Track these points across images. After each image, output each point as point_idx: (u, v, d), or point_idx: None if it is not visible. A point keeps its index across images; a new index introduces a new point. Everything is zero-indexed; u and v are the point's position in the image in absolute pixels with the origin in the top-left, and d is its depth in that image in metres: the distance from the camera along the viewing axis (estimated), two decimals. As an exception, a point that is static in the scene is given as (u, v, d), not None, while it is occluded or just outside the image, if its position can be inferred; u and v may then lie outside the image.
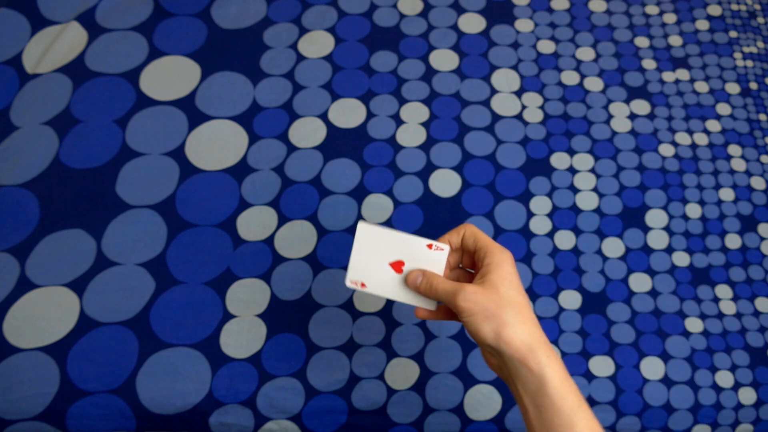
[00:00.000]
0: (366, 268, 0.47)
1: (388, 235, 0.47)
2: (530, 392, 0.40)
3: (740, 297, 0.67)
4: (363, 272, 0.47)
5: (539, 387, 0.39)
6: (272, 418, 0.58)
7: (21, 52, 0.71)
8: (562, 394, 0.39)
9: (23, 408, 0.56)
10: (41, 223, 0.63)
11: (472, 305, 0.41)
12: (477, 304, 0.41)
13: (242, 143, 0.69)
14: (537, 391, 0.40)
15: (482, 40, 0.78)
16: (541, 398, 0.39)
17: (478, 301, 0.41)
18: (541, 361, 0.40)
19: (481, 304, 0.41)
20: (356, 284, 0.47)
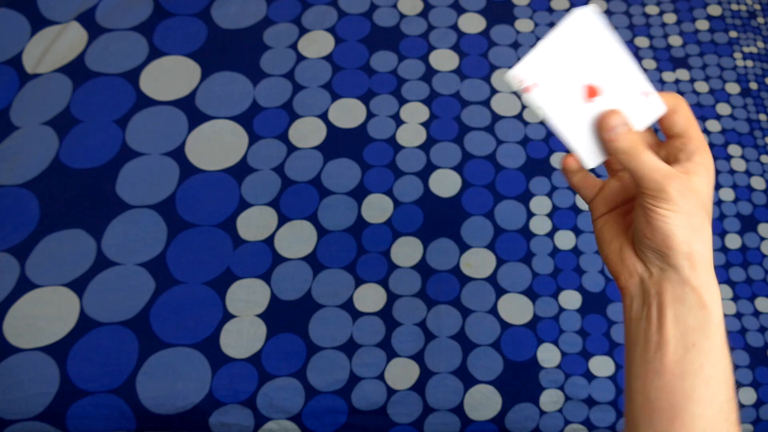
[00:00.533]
0: (551, 70, 0.34)
1: (608, 45, 0.34)
2: (685, 326, 0.33)
3: (740, 297, 0.67)
4: (543, 73, 0.34)
5: (702, 326, 0.33)
6: (272, 418, 0.58)
7: (21, 52, 0.71)
8: (723, 345, 0.33)
9: (23, 408, 0.56)
10: (41, 223, 0.63)
11: (685, 201, 0.32)
12: (689, 202, 0.33)
13: (242, 143, 0.69)
14: (697, 328, 0.33)
15: (482, 40, 0.78)
16: (697, 337, 0.33)
17: (692, 199, 0.33)
18: (716, 301, 0.33)
19: (693, 204, 0.33)
20: (522, 82, 0.34)
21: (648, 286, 0.35)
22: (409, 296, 0.63)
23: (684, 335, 0.33)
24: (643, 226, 0.34)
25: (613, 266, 0.37)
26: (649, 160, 0.33)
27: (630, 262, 0.36)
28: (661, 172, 0.33)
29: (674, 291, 0.33)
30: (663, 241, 0.33)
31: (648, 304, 0.34)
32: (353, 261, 0.64)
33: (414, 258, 0.65)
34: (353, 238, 0.65)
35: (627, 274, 0.36)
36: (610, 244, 0.38)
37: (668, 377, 0.33)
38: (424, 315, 0.63)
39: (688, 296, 0.33)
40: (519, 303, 0.64)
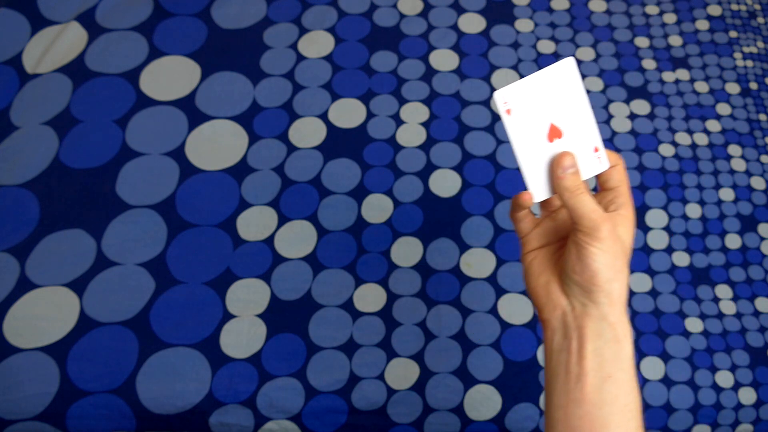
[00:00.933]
0: (528, 103, 0.38)
1: (578, 97, 0.38)
2: (602, 359, 0.36)
3: (740, 297, 0.67)
4: (521, 103, 0.38)
5: (617, 358, 0.36)
6: (272, 418, 0.58)
7: (21, 52, 0.71)
8: (633, 377, 0.36)
9: (23, 408, 0.56)
10: (41, 223, 0.63)
11: (612, 243, 0.36)
12: (615, 245, 0.36)
13: (242, 143, 0.69)
14: (612, 361, 0.36)
15: (482, 40, 0.78)
16: (613, 369, 0.35)
17: (618, 244, 0.36)
18: (627, 337, 0.36)
19: (618, 248, 0.36)
20: (505, 104, 0.38)
21: (569, 320, 0.37)
22: (409, 296, 0.63)
23: (601, 367, 0.36)
24: (574, 261, 0.37)
25: (538, 299, 0.40)
26: (589, 201, 0.37)
27: (555, 296, 0.39)
28: (597, 213, 0.36)
29: (593, 326, 0.36)
30: (590, 277, 0.36)
31: (569, 337, 0.37)
32: (353, 261, 0.64)
33: (414, 258, 0.65)
34: (353, 238, 0.65)
35: (551, 308, 0.39)
36: (537, 278, 0.40)
37: (588, 406, 0.35)
38: (424, 315, 0.63)
39: (605, 331, 0.36)
40: (519, 303, 0.64)
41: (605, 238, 0.36)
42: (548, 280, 0.40)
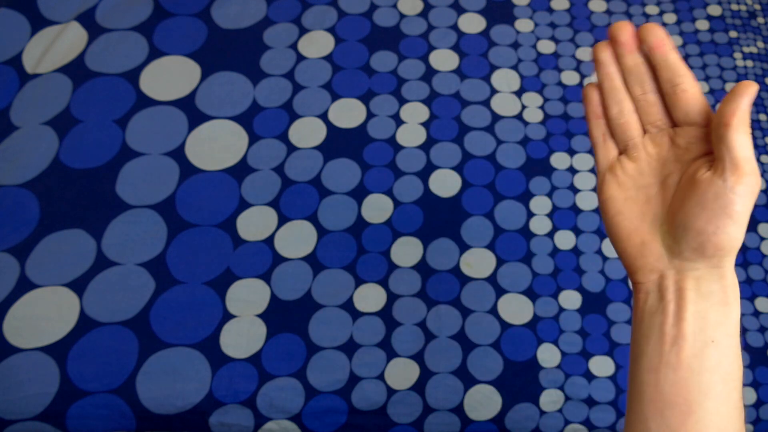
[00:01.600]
0: None
1: None
2: (705, 322, 0.31)
3: (740, 297, 0.67)
4: None
5: (723, 322, 0.32)
6: (272, 418, 0.58)
7: (21, 52, 0.71)
8: (738, 344, 0.32)
9: (23, 408, 0.56)
10: (41, 223, 0.63)
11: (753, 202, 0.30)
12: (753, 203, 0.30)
13: (242, 143, 0.69)
14: (718, 325, 0.31)
15: (482, 40, 0.78)
16: (718, 334, 0.31)
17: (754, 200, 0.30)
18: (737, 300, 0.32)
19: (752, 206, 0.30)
20: None
21: (668, 282, 0.32)
22: (409, 296, 0.63)
23: (703, 331, 0.31)
24: (705, 220, 0.30)
25: (631, 261, 0.34)
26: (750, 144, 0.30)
27: (653, 258, 0.33)
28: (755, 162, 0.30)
29: (699, 288, 0.32)
30: (726, 239, 0.30)
31: (665, 299, 0.32)
32: (353, 261, 0.64)
33: (414, 258, 0.65)
34: (353, 238, 0.65)
35: (647, 271, 0.33)
36: (628, 238, 0.34)
37: (684, 372, 0.31)
38: (424, 315, 0.63)
39: (714, 294, 0.32)
40: (519, 303, 0.64)
41: (756, 194, 0.30)
42: (643, 240, 0.33)
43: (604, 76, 0.35)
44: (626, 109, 0.35)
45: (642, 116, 0.35)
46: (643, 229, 0.34)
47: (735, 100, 0.30)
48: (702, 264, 0.32)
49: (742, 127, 0.30)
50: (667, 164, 0.34)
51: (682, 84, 0.33)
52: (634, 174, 0.34)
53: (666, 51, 0.33)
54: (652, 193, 0.34)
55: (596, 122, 0.36)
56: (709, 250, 0.31)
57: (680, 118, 0.33)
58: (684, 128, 0.33)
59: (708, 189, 0.30)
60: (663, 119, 0.34)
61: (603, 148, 0.36)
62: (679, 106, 0.33)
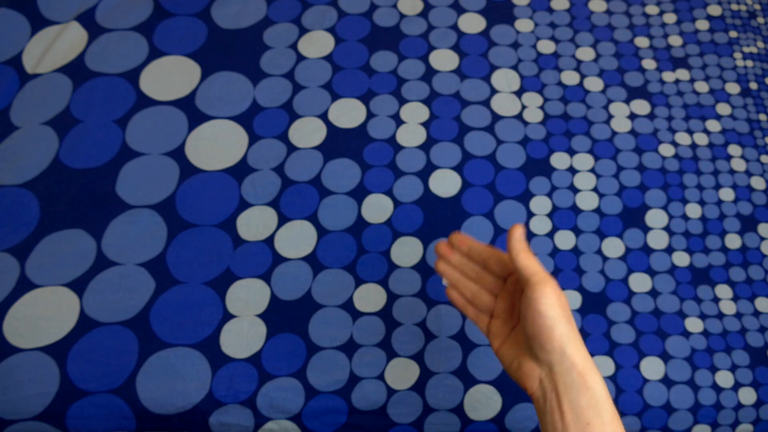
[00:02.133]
0: None
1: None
2: (579, 408, 0.38)
3: (740, 297, 0.67)
4: None
5: (591, 405, 0.38)
6: (272, 418, 0.58)
7: (21, 52, 0.71)
8: (613, 416, 0.39)
9: (23, 408, 0.56)
10: (41, 223, 0.63)
11: (559, 296, 0.40)
12: (562, 298, 0.40)
13: (242, 143, 0.69)
14: (588, 408, 0.38)
15: (482, 40, 0.78)
16: (590, 416, 0.38)
17: (563, 296, 0.40)
18: (598, 381, 0.39)
19: (565, 301, 0.40)
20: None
21: (546, 383, 0.40)
22: (409, 296, 0.63)
23: (579, 417, 0.38)
24: (530, 324, 0.40)
25: (520, 381, 0.43)
26: (537, 261, 0.42)
27: (528, 368, 0.42)
28: (544, 270, 0.41)
29: (563, 381, 0.39)
30: (548, 332, 0.39)
31: (548, 398, 0.40)
32: (353, 261, 0.64)
33: (414, 258, 0.65)
34: (353, 238, 0.65)
35: (531, 381, 0.42)
36: (511, 363, 0.43)
37: None
38: (424, 315, 0.63)
39: (575, 381, 0.39)
40: (519, 303, 0.64)
41: (554, 290, 0.40)
42: (520, 359, 0.42)
43: (449, 278, 0.49)
44: (474, 290, 0.48)
45: (486, 287, 0.47)
46: (519, 353, 0.43)
47: (510, 242, 0.42)
48: (553, 359, 0.40)
49: (522, 253, 0.42)
50: (513, 306, 0.46)
51: (484, 256, 0.47)
52: (500, 325, 0.46)
53: (462, 244, 0.48)
54: (516, 329, 0.45)
55: (466, 308, 0.48)
56: (546, 345, 0.40)
57: (500, 274, 0.46)
58: (507, 278, 0.46)
59: (523, 304, 0.41)
60: (495, 281, 0.47)
61: (480, 321, 0.47)
62: (494, 269, 0.47)
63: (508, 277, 0.46)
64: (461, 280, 0.48)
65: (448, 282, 0.49)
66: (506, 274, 0.46)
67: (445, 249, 0.49)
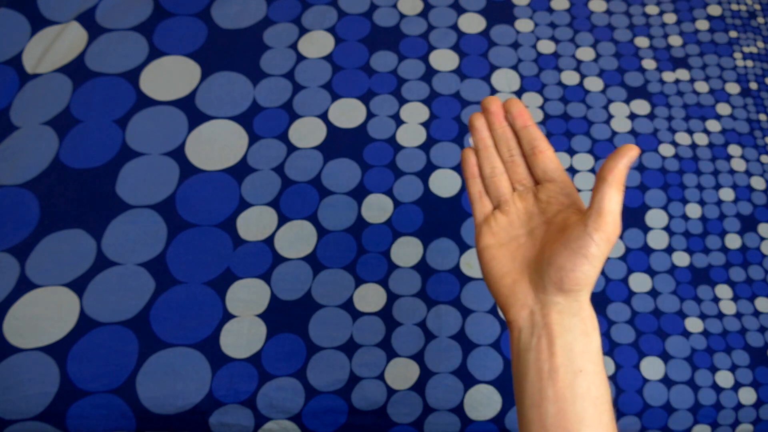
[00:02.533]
0: None
1: None
2: (572, 353, 0.35)
3: (740, 297, 0.67)
4: None
5: (586, 351, 0.35)
6: (272, 418, 0.58)
7: (21, 52, 0.71)
8: (603, 369, 0.36)
9: (23, 408, 0.56)
10: (41, 223, 0.63)
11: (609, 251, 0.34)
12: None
13: (242, 143, 0.69)
14: (582, 354, 0.35)
15: (482, 40, 0.78)
16: (584, 362, 0.35)
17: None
18: (596, 329, 0.36)
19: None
20: None
21: (537, 318, 0.36)
22: (409, 296, 0.63)
23: (572, 362, 0.35)
24: (565, 260, 0.34)
25: (503, 299, 0.38)
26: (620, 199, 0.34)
27: (522, 295, 0.37)
28: (619, 217, 0.34)
29: (563, 321, 0.35)
30: (582, 278, 0.35)
31: (537, 334, 0.36)
32: (353, 261, 0.64)
33: (414, 258, 0.65)
34: (353, 238, 0.65)
35: (518, 308, 0.37)
36: (501, 279, 0.38)
37: (561, 403, 0.34)
38: (424, 315, 0.63)
39: (576, 326, 0.35)
40: (519, 303, 0.64)
41: (613, 243, 0.34)
42: (515, 279, 0.38)
43: (478, 141, 0.41)
44: (497, 169, 0.40)
45: (510, 176, 0.40)
46: (513, 270, 0.38)
47: (616, 159, 0.34)
48: (561, 298, 0.35)
49: (615, 184, 0.34)
50: (533, 217, 0.39)
51: (538, 147, 0.39)
52: (505, 225, 0.40)
53: (525, 119, 0.39)
54: (521, 241, 0.39)
55: (473, 181, 0.41)
56: (567, 284, 0.35)
57: (540, 176, 0.39)
58: (544, 185, 0.39)
59: (573, 231, 0.35)
60: (528, 178, 0.40)
61: (479, 204, 0.41)
62: (538, 166, 0.39)
63: (546, 184, 0.39)
64: (489, 150, 0.41)
65: (473, 143, 0.41)
66: (547, 180, 0.39)
67: (495, 106, 0.40)
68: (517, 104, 0.39)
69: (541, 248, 0.37)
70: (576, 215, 0.37)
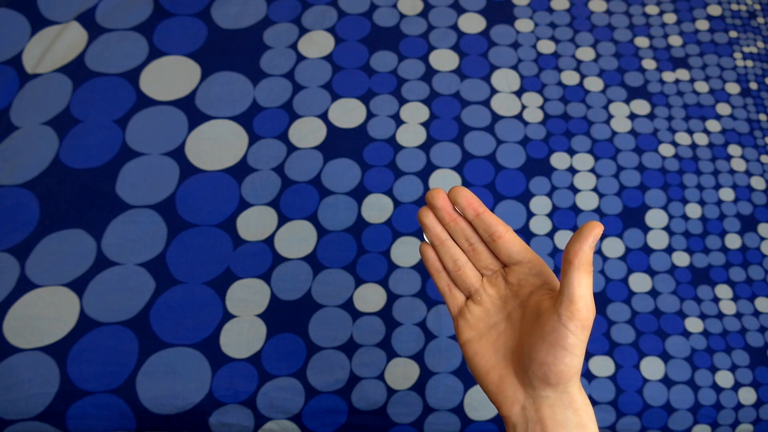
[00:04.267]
0: None
1: None
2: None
3: (740, 297, 0.67)
4: None
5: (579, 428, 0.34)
6: (272, 418, 0.58)
7: (21, 52, 0.71)
8: None
9: (23, 408, 0.56)
10: (41, 223, 0.63)
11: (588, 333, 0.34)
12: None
13: (242, 143, 0.69)
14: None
15: (482, 40, 0.78)
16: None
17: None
18: (592, 419, 0.35)
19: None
20: None
21: (530, 413, 0.35)
22: (409, 296, 0.63)
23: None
24: (544, 353, 0.33)
25: (494, 396, 0.36)
26: (591, 283, 0.33)
27: (511, 391, 0.36)
28: (591, 301, 0.33)
29: (555, 415, 0.34)
30: (565, 370, 0.33)
31: (532, 430, 0.35)
32: (353, 261, 0.64)
33: (414, 258, 0.65)
34: (353, 238, 0.65)
35: (509, 404, 0.36)
36: (487, 375, 0.37)
37: None
38: (424, 315, 0.63)
39: (570, 419, 0.34)
40: (519, 303, 0.64)
41: (589, 328, 0.34)
42: (500, 375, 0.36)
43: (432, 237, 0.39)
44: (460, 261, 0.39)
45: (475, 263, 0.39)
46: (498, 364, 0.37)
47: (580, 241, 0.33)
48: (550, 392, 0.34)
49: (583, 267, 0.33)
50: (507, 301, 0.38)
51: (495, 233, 0.37)
52: (482, 316, 0.38)
53: (474, 208, 0.37)
54: (501, 329, 0.37)
55: (438, 276, 0.40)
56: (552, 379, 0.34)
57: (505, 260, 0.38)
58: (512, 268, 0.38)
59: (547, 322, 0.33)
60: (493, 263, 0.38)
61: (450, 298, 0.39)
62: (501, 251, 0.37)
63: (514, 266, 0.38)
64: (447, 243, 0.39)
65: (428, 240, 0.40)
66: (514, 262, 0.37)
67: (441, 200, 0.38)
68: (462, 193, 0.37)
69: (521, 336, 0.36)
70: (549, 299, 0.36)
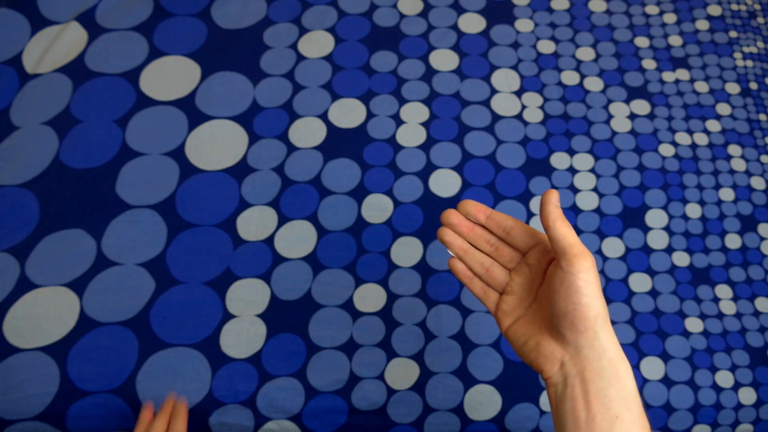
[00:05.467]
0: None
1: None
2: (607, 399, 0.35)
3: (740, 297, 0.67)
4: None
5: (621, 397, 0.35)
6: (272, 418, 0.58)
7: (21, 52, 0.71)
8: (642, 413, 0.36)
9: (23, 408, 0.56)
10: (41, 223, 0.63)
11: (595, 274, 0.36)
12: (598, 279, 0.36)
13: (242, 143, 0.69)
14: (617, 400, 0.35)
15: (482, 40, 0.78)
16: (620, 409, 0.35)
17: (599, 278, 0.37)
18: (629, 372, 0.36)
19: (599, 283, 0.37)
20: None
21: (569, 368, 0.37)
22: (409, 296, 0.63)
23: (608, 409, 0.35)
24: (561, 302, 0.36)
25: (535, 362, 0.39)
26: (574, 232, 0.37)
27: (549, 351, 0.38)
28: (581, 244, 0.37)
29: (592, 366, 0.36)
30: (582, 312, 0.36)
31: (571, 384, 0.36)
32: (353, 261, 0.64)
33: (414, 258, 0.65)
34: (353, 238, 0.65)
35: (549, 364, 0.38)
36: (525, 344, 0.40)
37: None
38: (424, 315, 0.63)
39: (605, 370, 0.36)
40: (519, 303, 0.64)
41: (593, 266, 0.36)
42: (537, 340, 0.39)
43: (457, 250, 0.44)
44: (486, 263, 0.43)
45: (500, 262, 0.43)
46: (535, 333, 0.40)
47: (547, 207, 0.38)
48: (583, 341, 0.36)
49: (559, 221, 0.37)
50: (534, 281, 0.41)
51: (507, 226, 0.42)
52: (516, 303, 0.42)
53: (484, 211, 0.43)
54: (533, 306, 0.41)
55: (472, 282, 0.44)
56: (579, 325, 0.36)
57: (521, 247, 0.42)
58: (529, 252, 0.42)
59: (556, 278, 0.37)
60: (514, 255, 0.43)
61: (487, 299, 0.43)
62: (516, 240, 0.42)
63: (530, 250, 0.42)
64: (471, 252, 0.44)
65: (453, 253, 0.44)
66: (529, 247, 0.42)
67: (455, 217, 0.43)
68: (470, 204, 0.43)
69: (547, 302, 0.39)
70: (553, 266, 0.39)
